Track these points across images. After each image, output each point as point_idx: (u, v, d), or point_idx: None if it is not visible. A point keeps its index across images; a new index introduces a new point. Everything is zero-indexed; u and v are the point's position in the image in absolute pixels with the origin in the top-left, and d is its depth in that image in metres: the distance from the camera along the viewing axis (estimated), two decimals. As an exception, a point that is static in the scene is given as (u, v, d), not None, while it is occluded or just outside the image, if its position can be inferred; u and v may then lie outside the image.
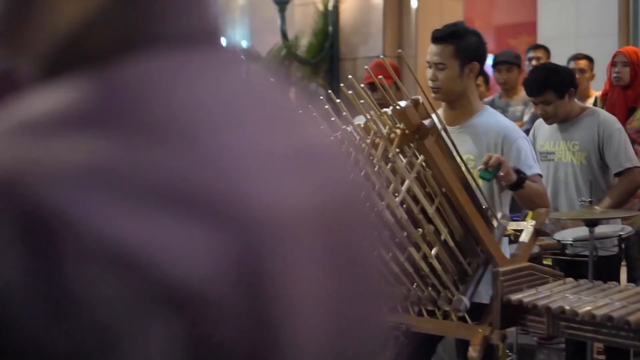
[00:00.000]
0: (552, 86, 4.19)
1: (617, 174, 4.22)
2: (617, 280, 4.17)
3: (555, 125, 4.37)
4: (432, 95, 3.16)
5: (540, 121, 4.51)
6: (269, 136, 0.57)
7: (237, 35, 14.13)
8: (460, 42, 3.10)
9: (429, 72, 3.13)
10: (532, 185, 2.95)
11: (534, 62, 6.51)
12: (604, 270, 3.82)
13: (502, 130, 3.11)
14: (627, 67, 5.06)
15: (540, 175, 3.14)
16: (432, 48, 3.13)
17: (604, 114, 4.36)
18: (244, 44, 11.95)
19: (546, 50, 6.61)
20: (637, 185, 4.27)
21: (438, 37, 3.12)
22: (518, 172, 2.87)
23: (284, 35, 7.81)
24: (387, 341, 0.62)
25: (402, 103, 2.43)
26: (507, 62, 6.29)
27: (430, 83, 3.13)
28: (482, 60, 3.25)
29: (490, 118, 3.18)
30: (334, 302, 0.55)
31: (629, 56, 5.10)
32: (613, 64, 5.16)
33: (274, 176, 0.54)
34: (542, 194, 3.09)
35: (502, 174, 2.75)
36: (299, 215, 0.53)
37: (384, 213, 2.47)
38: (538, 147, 4.44)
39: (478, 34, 3.21)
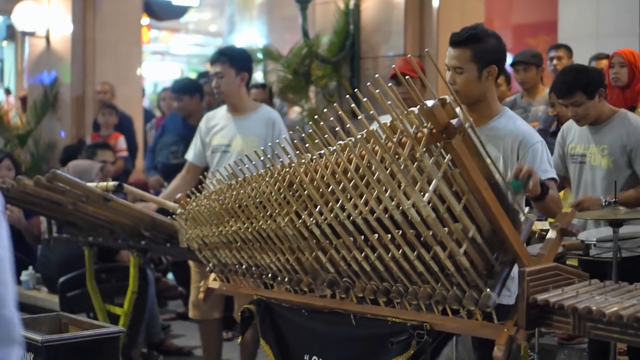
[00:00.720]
0: (581, 87, 4.17)
1: None
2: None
3: (586, 128, 4.34)
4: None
5: (569, 123, 4.49)
6: None
7: (256, 33, 14.14)
8: (478, 45, 3.09)
9: (448, 75, 3.14)
10: (550, 194, 2.96)
11: (555, 62, 6.49)
12: (625, 272, 3.80)
13: (519, 134, 3.11)
14: (625, 67, 5.12)
15: (555, 180, 3.14)
16: (451, 52, 3.14)
17: (635, 119, 4.33)
18: (263, 41, 11.96)
19: (568, 49, 6.59)
20: None
21: (456, 41, 3.12)
22: (542, 184, 2.88)
23: (305, 33, 7.81)
24: None
25: (430, 102, 2.43)
26: (523, 62, 6.25)
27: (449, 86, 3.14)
28: (501, 63, 3.23)
29: (508, 122, 3.18)
30: None
31: (626, 57, 5.15)
32: (610, 65, 5.20)
33: None
34: (558, 201, 3.10)
35: (530, 187, 2.75)
36: None
37: (410, 211, 2.47)
38: (569, 149, 4.41)
39: (497, 36, 3.19)
